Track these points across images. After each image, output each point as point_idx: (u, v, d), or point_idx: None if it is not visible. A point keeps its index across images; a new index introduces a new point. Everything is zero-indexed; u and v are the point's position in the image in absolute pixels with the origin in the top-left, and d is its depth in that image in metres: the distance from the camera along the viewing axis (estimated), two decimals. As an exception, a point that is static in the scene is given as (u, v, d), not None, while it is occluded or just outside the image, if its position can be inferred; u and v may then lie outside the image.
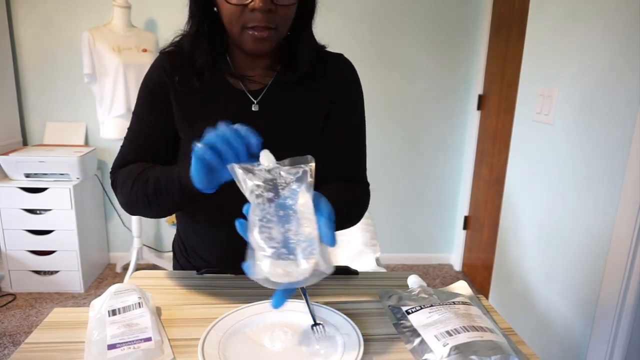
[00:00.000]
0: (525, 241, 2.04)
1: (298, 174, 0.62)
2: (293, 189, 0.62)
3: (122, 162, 0.90)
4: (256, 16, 0.76)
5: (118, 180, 0.88)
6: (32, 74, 2.70)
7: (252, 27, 0.78)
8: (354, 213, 0.92)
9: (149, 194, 0.80)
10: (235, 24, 0.79)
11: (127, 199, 0.85)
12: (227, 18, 0.79)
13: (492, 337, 0.65)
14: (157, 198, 0.80)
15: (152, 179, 0.80)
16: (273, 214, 0.60)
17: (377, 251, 1.67)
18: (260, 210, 0.60)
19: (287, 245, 0.59)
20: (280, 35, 0.82)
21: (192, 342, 0.66)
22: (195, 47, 0.86)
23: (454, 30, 2.80)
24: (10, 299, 2.47)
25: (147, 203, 0.81)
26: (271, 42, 0.81)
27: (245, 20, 0.78)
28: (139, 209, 0.86)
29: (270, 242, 0.59)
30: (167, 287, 0.89)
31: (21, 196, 2.40)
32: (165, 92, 0.88)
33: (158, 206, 0.81)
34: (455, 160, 3.00)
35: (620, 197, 1.45)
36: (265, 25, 0.77)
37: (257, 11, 0.76)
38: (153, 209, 0.83)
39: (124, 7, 2.43)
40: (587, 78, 1.63)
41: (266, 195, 0.61)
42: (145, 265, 2.85)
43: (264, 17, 0.77)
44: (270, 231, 0.59)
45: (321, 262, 0.58)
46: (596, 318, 1.54)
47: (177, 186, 0.76)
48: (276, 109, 0.90)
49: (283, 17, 0.79)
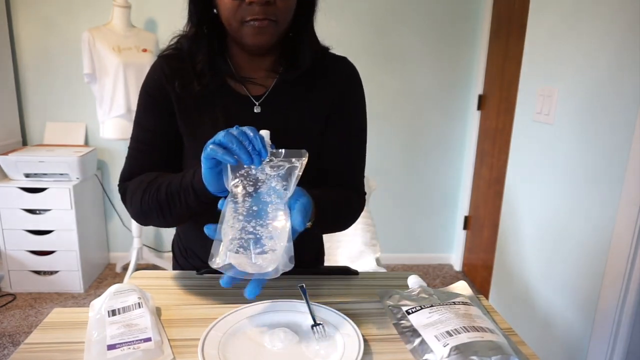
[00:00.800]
0: (525, 241, 2.04)
1: (282, 170, 0.65)
2: (272, 186, 0.65)
3: (129, 172, 0.89)
4: (254, 9, 0.76)
5: (128, 193, 0.87)
6: (32, 74, 2.70)
7: (250, 20, 0.77)
8: (343, 215, 0.91)
9: (161, 202, 0.79)
10: (233, 19, 0.78)
11: (139, 210, 0.83)
12: (225, 14, 0.79)
13: (492, 338, 0.65)
14: (170, 205, 0.78)
15: (164, 186, 0.79)
16: (248, 208, 0.64)
17: (377, 251, 1.67)
18: (234, 204, 0.64)
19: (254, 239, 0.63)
20: (280, 28, 0.81)
21: (192, 342, 0.66)
22: (195, 49, 0.85)
23: (454, 30, 2.80)
24: (10, 299, 2.47)
25: (160, 211, 0.80)
26: (271, 34, 0.80)
27: (243, 14, 0.77)
28: (152, 219, 0.84)
29: (240, 234, 0.63)
30: (167, 287, 0.89)
31: (21, 196, 2.40)
32: (165, 96, 0.87)
33: (171, 214, 0.80)
34: (455, 160, 3.00)
35: (620, 197, 1.45)
36: (264, 17, 0.77)
37: (254, 4, 0.76)
38: (167, 218, 0.81)
39: (124, 7, 2.43)
40: (587, 78, 1.63)
41: (247, 189, 0.65)
42: (145, 265, 2.85)
43: (262, 10, 0.76)
44: (241, 224, 0.63)
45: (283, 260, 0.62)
46: (596, 318, 1.54)
47: (190, 191, 0.75)
48: (278, 111, 0.89)
49: (282, 9, 0.79)
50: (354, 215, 0.94)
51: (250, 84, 0.89)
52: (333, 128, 0.92)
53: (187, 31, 0.87)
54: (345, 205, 0.91)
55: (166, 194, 0.78)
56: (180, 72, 0.86)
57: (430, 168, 3.00)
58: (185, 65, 0.86)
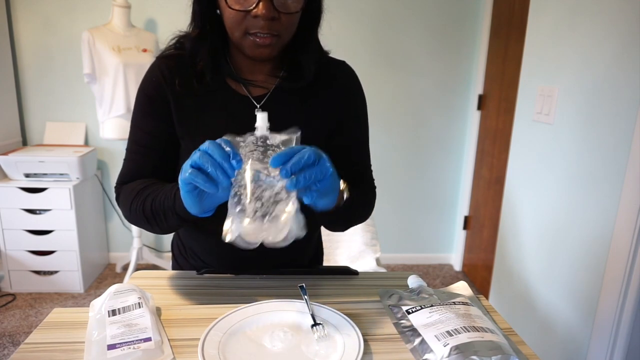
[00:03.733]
0: (526, 241, 2.04)
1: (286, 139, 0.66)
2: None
3: (125, 175, 0.90)
4: (259, 23, 0.76)
5: (120, 197, 0.88)
6: (32, 74, 2.70)
7: (254, 32, 0.77)
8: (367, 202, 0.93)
9: (147, 216, 0.80)
10: (237, 29, 0.78)
11: (129, 217, 0.85)
12: (229, 22, 0.79)
13: (492, 338, 0.65)
14: (156, 220, 0.79)
15: (149, 200, 0.79)
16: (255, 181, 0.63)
17: (377, 251, 1.67)
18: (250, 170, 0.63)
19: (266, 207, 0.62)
20: (283, 42, 0.81)
21: (192, 342, 0.66)
22: (198, 48, 0.85)
23: (454, 30, 2.80)
24: (10, 299, 2.47)
25: (147, 223, 0.82)
26: (273, 49, 0.80)
27: (247, 26, 0.77)
28: (142, 227, 0.86)
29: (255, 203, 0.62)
30: (167, 287, 0.89)
31: (21, 196, 2.40)
32: (163, 97, 0.87)
33: (159, 227, 0.81)
34: (455, 160, 3.00)
35: (620, 197, 1.45)
36: (268, 32, 0.77)
37: (260, 18, 0.75)
38: (155, 229, 0.83)
39: (123, 7, 2.43)
40: (587, 78, 1.63)
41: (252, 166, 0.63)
42: (145, 265, 2.85)
43: (267, 25, 0.76)
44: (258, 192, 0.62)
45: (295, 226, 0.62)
46: (596, 318, 1.54)
47: (172, 213, 0.75)
48: (279, 114, 0.89)
49: (286, 25, 0.78)
50: (372, 204, 0.96)
51: (251, 85, 0.89)
52: (340, 135, 0.93)
53: (189, 32, 0.86)
54: (364, 193, 0.93)
55: (151, 210, 0.79)
56: (180, 72, 0.86)
57: (430, 168, 3.00)
58: (185, 65, 0.86)
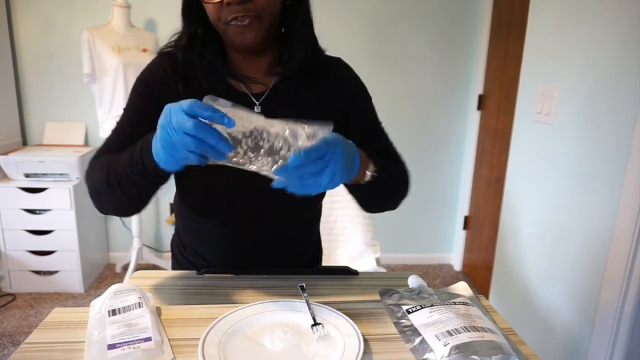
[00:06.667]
0: (526, 241, 2.04)
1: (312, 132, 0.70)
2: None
3: (101, 150, 0.88)
4: (232, 9, 0.77)
5: (87, 169, 0.86)
6: (32, 74, 2.70)
7: (233, 19, 0.78)
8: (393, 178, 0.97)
9: (109, 178, 0.76)
10: (218, 21, 0.80)
11: (90, 188, 0.82)
12: (211, 17, 0.80)
13: (492, 337, 0.65)
14: (118, 181, 0.75)
15: (113, 160, 0.77)
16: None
17: (378, 251, 1.67)
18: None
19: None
20: (266, 23, 0.80)
21: (192, 342, 0.66)
22: (189, 58, 0.86)
23: (454, 30, 2.80)
24: (10, 299, 2.47)
25: (108, 189, 0.77)
26: (255, 30, 0.80)
27: (225, 15, 0.78)
28: (103, 201, 0.82)
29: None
30: (167, 287, 0.89)
31: (21, 196, 2.40)
32: (162, 89, 0.87)
33: (120, 190, 0.76)
34: (455, 160, 3.00)
35: (620, 197, 1.44)
36: (244, 13, 0.77)
37: (232, 3, 0.76)
38: (114, 194, 0.77)
39: (123, 7, 2.43)
40: (587, 78, 1.63)
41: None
42: (145, 265, 2.85)
43: (241, 8, 0.77)
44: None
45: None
46: (596, 318, 1.54)
47: (139, 167, 0.72)
48: (279, 111, 0.89)
49: (262, 3, 0.78)
50: (405, 178, 1.01)
51: (250, 82, 0.89)
52: (350, 121, 0.92)
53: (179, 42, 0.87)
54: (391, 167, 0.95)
55: (115, 169, 0.76)
56: (180, 71, 0.87)
57: (430, 168, 3.00)
58: (184, 65, 0.87)
